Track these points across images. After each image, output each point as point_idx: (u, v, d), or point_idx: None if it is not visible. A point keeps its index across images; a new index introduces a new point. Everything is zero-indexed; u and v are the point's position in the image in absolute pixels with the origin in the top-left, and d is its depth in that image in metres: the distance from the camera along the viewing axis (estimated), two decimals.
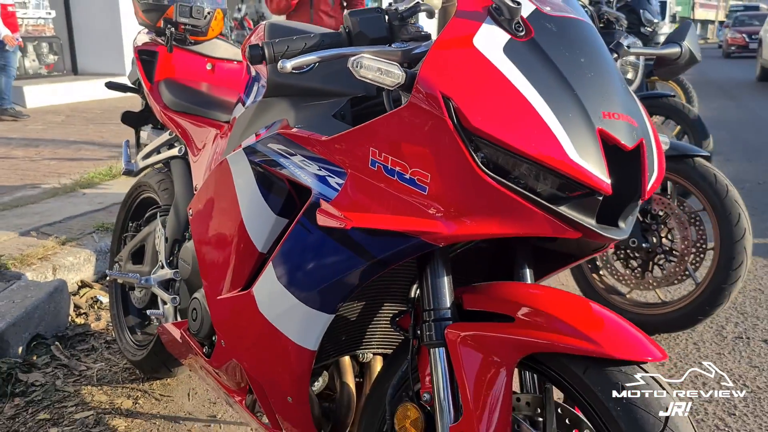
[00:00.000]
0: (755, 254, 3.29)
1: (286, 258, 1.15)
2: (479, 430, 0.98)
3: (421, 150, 0.96)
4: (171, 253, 1.81)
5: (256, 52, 1.07)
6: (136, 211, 2.28)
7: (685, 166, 2.34)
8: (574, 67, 0.98)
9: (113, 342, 2.50)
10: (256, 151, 1.23)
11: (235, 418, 2.00)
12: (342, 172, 1.06)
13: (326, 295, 1.12)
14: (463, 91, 0.92)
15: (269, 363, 1.26)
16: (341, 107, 1.22)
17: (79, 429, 1.95)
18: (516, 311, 1.01)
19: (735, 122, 7.83)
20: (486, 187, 0.93)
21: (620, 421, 0.91)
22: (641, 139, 0.99)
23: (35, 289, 2.57)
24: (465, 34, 0.97)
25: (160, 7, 1.99)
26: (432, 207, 0.97)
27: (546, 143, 0.91)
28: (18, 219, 3.42)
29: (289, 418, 1.30)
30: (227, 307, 1.32)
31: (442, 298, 1.07)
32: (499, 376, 0.99)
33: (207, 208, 1.39)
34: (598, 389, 0.94)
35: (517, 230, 0.96)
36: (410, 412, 1.10)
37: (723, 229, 2.26)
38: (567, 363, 0.97)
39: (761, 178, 4.99)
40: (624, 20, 2.47)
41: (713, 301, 2.30)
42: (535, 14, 1.00)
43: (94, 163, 4.74)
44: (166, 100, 1.90)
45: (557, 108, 0.93)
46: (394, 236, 1.00)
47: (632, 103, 1.04)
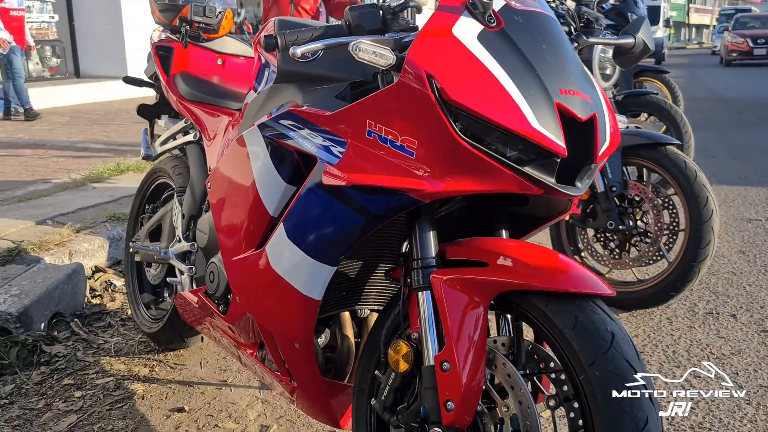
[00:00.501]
0: (731, 240, 3.50)
1: (295, 218, 1.34)
2: (459, 356, 1.17)
3: (410, 121, 1.15)
4: (188, 228, 1.99)
5: (271, 41, 1.27)
6: (151, 195, 2.47)
7: (657, 154, 2.54)
8: (537, 52, 1.17)
9: (128, 320, 2.69)
10: (269, 127, 1.42)
11: (244, 382, 2.19)
12: (343, 142, 1.25)
13: (330, 248, 1.30)
14: (444, 71, 1.12)
15: (279, 313, 1.44)
16: (342, 90, 1.41)
17: (101, 392, 2.14)
18: (490, 259, 1.20)
19: (723, 123, 8.05)
20: (464, 151, 1.12)
21: (574, 343, 1.10)
22: (594, 113, 1.18)
23: (54, 271, 2.75)
24: (445, 24, 1.16)
25: (175, 7, 2.18)
26: (419, 168, 1.16)
27: (512, 114, 1.11)
28: (33, 210, 3.60)
29: (296, 363, 1.48)
30: (242, 266, 1.51)
31: (428, 249, 1.26)
32: (476, 311, 1.18)
33: (225, 180, 1.59)
34: (557, 319, 1.13)
35: (490, 187, 1.15)
36: (401, 347, 1.28)
37: (692, 211, 2.45)
38: (533, 300, 1.16)
39: (743, 174, 5.20)
40: (603, 20, 2.66)
41: (684, 278, 2.50)
42: (505, 8, 1.20)
43: (102, 160, 4.92)
44: (182, 91, 2.09)
45: (522, 85, 1.12)
46: (387, 194, 1.19)
47: (587, 83, 1.23)
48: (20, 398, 2.10)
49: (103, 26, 10.42)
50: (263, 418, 1.98)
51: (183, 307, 1.97)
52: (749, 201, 4.39)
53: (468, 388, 1.16)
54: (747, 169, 5.38)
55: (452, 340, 1.18)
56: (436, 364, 1.20)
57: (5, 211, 3.56)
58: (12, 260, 2.84)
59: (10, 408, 2.04)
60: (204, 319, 1.87)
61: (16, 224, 3.29)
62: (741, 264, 3.21)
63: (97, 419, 1.98)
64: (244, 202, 1.49)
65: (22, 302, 2.47)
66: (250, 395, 2.11)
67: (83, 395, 2.11)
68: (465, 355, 1.17)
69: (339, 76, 1.45)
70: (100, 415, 2.00)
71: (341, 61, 1.42)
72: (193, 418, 1.98)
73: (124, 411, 2.03)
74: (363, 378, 1.43)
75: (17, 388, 2.15)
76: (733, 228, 3.79)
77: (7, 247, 2.92)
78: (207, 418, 1.99)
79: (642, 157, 2.59)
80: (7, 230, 3.19)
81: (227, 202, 1.57)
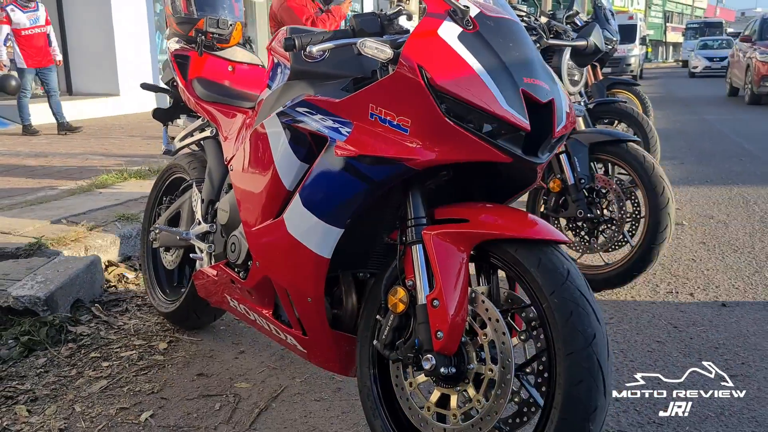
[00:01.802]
0: (693, 233, 3.82)
1: (309, 188, 1.62)
2: (446, 294, 1.45)
3: (404, 104, 1.44)
4: (206, 211, 2.26)
5: (290, 42, 1.56)
6: (167, 188, 2.73)
7: (620, 149, 2.85)
8: (505, 49, 1.46)
9: (143, 305, 2.94)
10: (286, 114, 1.70)
11: (256, 353, 2.45)
12: (350, 123, 1.54)
13: (338, 212, 1.58)
14: (432, 64, 1.40)
15: (294, 271, 1.71)
16: (347, 84, 1.69)
17: (126, 362, 2.39)
18: (471, 217, 1.49)
19: (694, 133, 8.46)
20: (448, 127, 1.41)
21: (538, 279, 1.38)
22: (552, 98, 1.48)
23: (74, 262, 3.00)
24: (432, 27, 1.46)
25: (191, 20, 2.46)
26: (412, 142, 1.44)
27: (486, 97, 1.40)
28: (46, 211, 3.85)
29: (308, 315, 1.75)
30: (262, 233, 1.78)
31: (420, 211, 1.55)
32: (460, 258, 1.46)
33: (246, 161, 1.86)
34: (525, 261, 1.41)
35: (469, 157, 1.44)
36: (399, 292, 1.56)
37: (650, 199, 2.76)
38: (505, 247, 1.45)
39: (708, 178, 5.56)
40: (570, 32, 2.99)
41: (645, 259, 2.80)
42: (480, 15, 1.49)
43: (104, 169, 5.17)
44: (199, 93, 2.37)
45: (493, 75, 1.42)
46: (387, 164, 1.48)
47: (547, 74, 1.52)
48: (54, 368, 2.34)
49: (96, 45, 10.68)
50: (276, 379, 2.24)
51: (202, 283, 2.24)
52: (712, 200, 4.74)
53: (454, 320, 1.44)
54: (713, 173, 5.75)
55: (440, 282, 1.46)
56: (428, 302, 1.47)
57: (20, 213, 3.80)
58: (34, 253, 3.09)
59: (46, 375, 2.28)
60: (221, 291, 2.13)
61: (33, 223, 3.53)
62: (701, 253, 3.53)
63: (125, 383, 2.23)
64: (263, 179, 1.77)
65: (48, 288, 2.71)
66: (264, 362, 2.37)
67: (110, 365, 2.36)
68: (451, 293, 1.45)
69: (343, 73, 1.73)
70: (128, 380, 2.25)
71: (345, 61, 1.72)
72: (212, 381, 2.24)
73: (149, 376, 2.28)
74: (366, 324, 1.71)
75: (49, 360, 2.39)
76: (696, 223, 4.12)
77: (27, 242, 3.16)
78: (225, 381, 2.24)
79: (607, 152, 2.90)
80: (25, 228, 3.43)
81: (248, 179, 1.85)
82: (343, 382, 2.19)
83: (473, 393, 1.47)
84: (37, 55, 7.79)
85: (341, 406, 2.06)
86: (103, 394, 2.15)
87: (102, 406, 2.08)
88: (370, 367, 1.70)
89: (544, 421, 1.36)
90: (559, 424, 1.31)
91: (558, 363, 1.34)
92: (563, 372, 1.32)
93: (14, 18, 7.57)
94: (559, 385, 1.33)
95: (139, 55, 10.95)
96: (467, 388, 1.47)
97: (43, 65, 7.88)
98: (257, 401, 2.09)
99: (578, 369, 1.31)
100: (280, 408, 2.06)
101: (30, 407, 2.07)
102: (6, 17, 7.53)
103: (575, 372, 1.31)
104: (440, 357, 1.46)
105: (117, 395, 2.15)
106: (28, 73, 7.78)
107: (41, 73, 7.91)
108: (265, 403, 2.08)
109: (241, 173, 1.90)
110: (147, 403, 2.10)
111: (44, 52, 7.87)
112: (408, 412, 1.59)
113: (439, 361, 1.45)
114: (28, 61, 7.72)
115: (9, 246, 3.14)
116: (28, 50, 7.69)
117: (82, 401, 2.11)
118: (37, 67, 7.84)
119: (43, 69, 7.90)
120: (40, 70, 7.89)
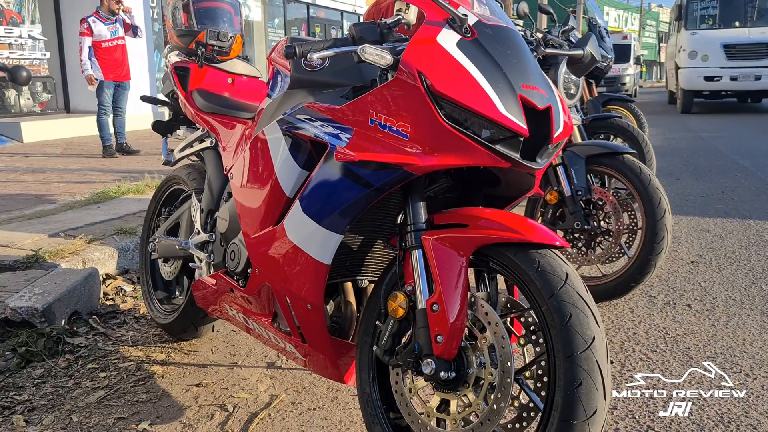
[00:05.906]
0: (690, 246, 3.83)
1: (310, 194, 1.63)
2: (446, 298, 1.46)
3: (404, 109, 1.45)
4: (206, 221, 2.27)
5: (290, 50, 1.57)
6: (166, 200, 2.74)
7: (616, 162, 2.88)
8: (503, 56, 1.49)
9: (141, 318, 2.93)
10: (287, 121, 1.72)
11: (253, 363, 2.44)
12: (350, 129, 1.55)
13: (338, 218, 1.59)
14: (432, 70, 1.42)
15: (294, 278, 1.72)
16: (346, 92, 1.71)
17: (124, 373, 2.38)
18: (470, 221, 1.50)
19: (689, 150, 8.52)
20: (447, 132, 1.42)
21: (536, 282, 1.39)
22: (549, 104, 1.50)
23: (72, 275, 3.00)
24: (431, 35, 1.48)
25: (192, 32, 2.49)
26: (412, 147, 1.46)
27: (485, 103, 1.41)
28: (43, 225, 3.85)
29: (308, 322, 1.75)
30: (262, 240, 1.78)
31: (419, 216, 1.56)
32: (459, 262, 1.47)
33: (246, 168, 1.88)
34: (524, 264, 1.42)
35: (468, 162, 1.45)
36: (398, 297, 1.56)
37: (647, 210, 2.78)
38: (503, 251, 1.46)
39: (704, 193, 5.59)
40: (567, 46, 3.03)
41: (643, 270, 2.81)
42: (478, 23, 1.52)
43: (102, 184, 5.18)
44: (199, 104, 2.39)
45: (492, 81, 1.44)
46: (386, 169, 1.49)
47: (544, 81, 1.55)
48: (51, 379, 2.33)
49: None
50: (272, 389, 2.23)
51: (200, 292, 2.24)
52: (708, 214, 4.76)
53: (454, 324, 1.45)
54: (708, 189, 5.78)
55: (440, 287, 1.47)
56: (428, 307, 1.48)
57: (17, 227, 3.80)
58: (31, 266, 3.08)
59: (43, 386, 2.27)
60: (220, 300, 2.13)
61: (30, 236, 3.53)
62: (698, 265, 3.54)
63: (123, 393, 2.22)
64: (264, 186, 1.78)
65: (45, 299, 2.71)
66: (260, 372, 2.36)
67: (108, 375, 2.35)
68: (451, 297, 1.46)
69: (343, 82, 1.75)
70: (125, 390, 2.24)
71: (344, 69, 1.74)
72: (209, 391, 2.23)
73: (146, 386, 2.27)
74: (365, 330, 1.71)
75: (47, 371, 2.38)
76: (692, 237, 4.14)
77: (25, 254, 3.16)
78: (222, 390, 2.23)
79: (603, 164, 2.92)
80: (23, 241, 3.43)
81: (248, 187, 1.86)
82: (340, 391, 2.19)
83: (473, 397, 1.47)
84: (117, 67, 7.49)
85: (338, 415, 2.05)
86: (100, 404, 2.14)
87: (100, 416, 2.07)
88: (370, 372, 1.70)
89: (544, 424, 1.36)
90: (559, 426, 1.31)
91: (557, 366, 1.34)
92: (563, 374, 1.33)
93: (96, 30, 7.29)
94: (559, 387, 1.33)
95: (137, 73, 10.99)
96: (467, 393, 1.48)
97: (121, 78, 7.54)
98: (254, 410, 2.09)
99: (577, 371, 1.31)
100: (276, 417, 2.05)
101: (27, 417, 2.06)
102: (88, 29, 7.24)
103: (575, 374, 1.31)
104: (440, 361, 1.46)
105: (115, 405, 2.14)
106: (107, 87, 7.46)
107: (117, 88, 7.57)
108: (262, 413, 2.07)
109: (241, 181, 1.91)
110: (144, 413, 2.09)
111: (123, 65, 7.57)
112: (407, 417, 1.59)
113: (438, 366, 1.46)
114: (107, 74, 7.41)
115: (7, 258, 3.14)
116: (107, 63, 7.38)
117: (80, 411, 2.10)
118: (116, 80, 7.50)
119: (121, 83, 7.57)
120: (119, 84, 7.56)
